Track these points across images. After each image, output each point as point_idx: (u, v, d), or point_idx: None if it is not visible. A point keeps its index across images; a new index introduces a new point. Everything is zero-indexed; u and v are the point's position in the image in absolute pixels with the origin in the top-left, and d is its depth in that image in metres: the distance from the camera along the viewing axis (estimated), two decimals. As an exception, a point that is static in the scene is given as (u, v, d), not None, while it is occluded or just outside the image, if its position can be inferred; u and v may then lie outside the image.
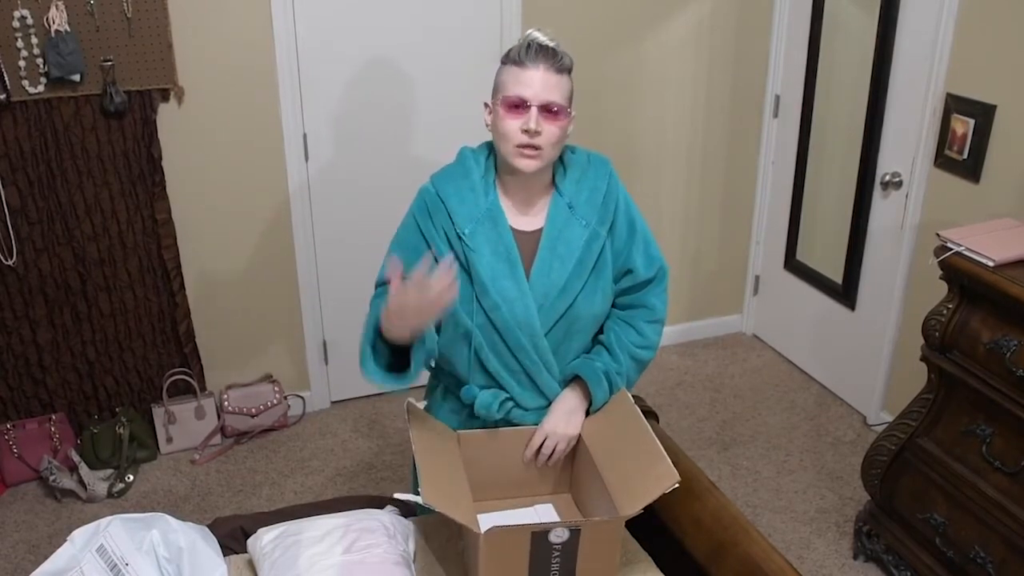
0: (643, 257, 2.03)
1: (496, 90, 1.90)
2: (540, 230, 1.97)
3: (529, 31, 1.88)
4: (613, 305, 2.06)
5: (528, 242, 1.97)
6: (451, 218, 1.93)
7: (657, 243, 2.09)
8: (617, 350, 2.02)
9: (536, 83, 1.83)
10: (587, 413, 2.04)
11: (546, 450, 2.01)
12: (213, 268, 3.47)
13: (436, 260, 1.95)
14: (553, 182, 1.99)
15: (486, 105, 1.94)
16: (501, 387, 1.99)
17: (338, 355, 3.77)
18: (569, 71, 1.88)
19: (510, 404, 2.00)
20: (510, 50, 1.88)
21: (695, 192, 4.09)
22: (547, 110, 1.84)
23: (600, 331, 2.07)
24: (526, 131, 1.83)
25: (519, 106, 1.83)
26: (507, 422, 2.03)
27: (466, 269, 1.94)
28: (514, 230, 1.96)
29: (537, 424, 2.03)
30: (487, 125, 1.94)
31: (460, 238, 1.92)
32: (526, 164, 1.87)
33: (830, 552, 3.03)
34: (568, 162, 2.00)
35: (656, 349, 2.09)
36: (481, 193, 1.95)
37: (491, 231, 1.93)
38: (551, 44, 1.86)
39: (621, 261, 2.02)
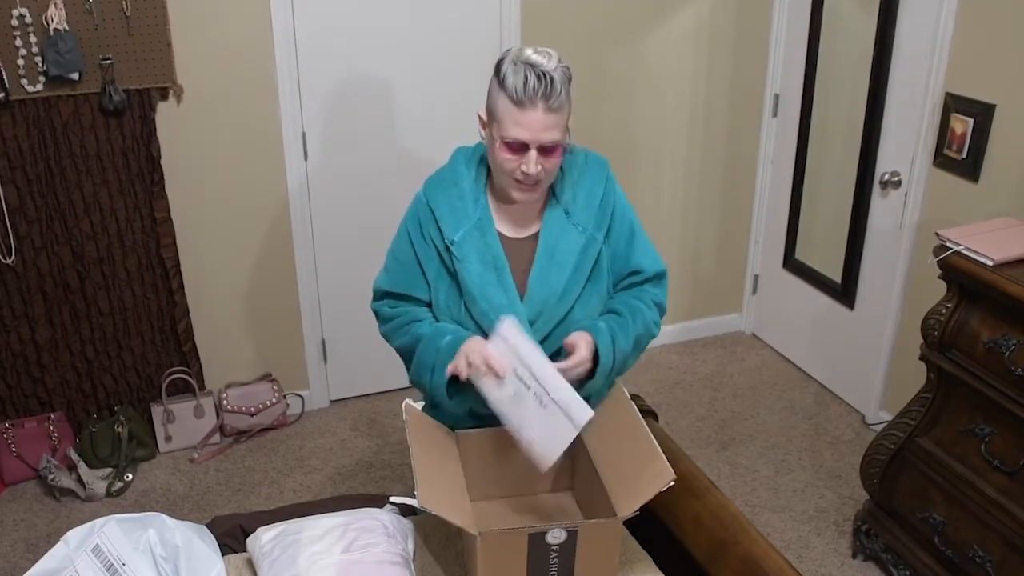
0: (649, 258, 2.04)
1: (491, 115, 1.85)
2: (533, 236, 1.97)
3: (524, 52, 1.80)
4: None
5: (521, 248, 1.97)
6: (439, 228, 1.94)
7: (656, 242, 2.10)
8: (627, 313, 1.97)
9: (535, 125, 1.79)
10: (591, 375, 1.96)
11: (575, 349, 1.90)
12: (212, 267, 3.47)
13: (425, 277, 1.97)
14: (550, 186, 1.99)
15: (480, 117, 1.91)
16: None
17: (337, 354, 3.77)
18: (568, 96, 1.82)
19: None
20: (504, 74, 1.79)
21: (694, 191, 4.09)
22: (544, 149, 1.82)
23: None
24: (525, 172, 1.83)
25: (518, 149, 1.82)
26: None
27: (454, 278, 1.94)
28: (506, 237, 1.97)
29: None
30: (482, 137, 1.93)
31: (448, 248, 1.93)
32: (524, 197, 1.89)
33: (829, 551, 3.03)
34: (565, 163, 1.99)
35: (659, 329, 2.08)
36: (470, 200, 1.95)
37: (479, 240, 1.93)
38: (549, 68, 1.77)
39: (621, 264, 2.02)
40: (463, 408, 1.98)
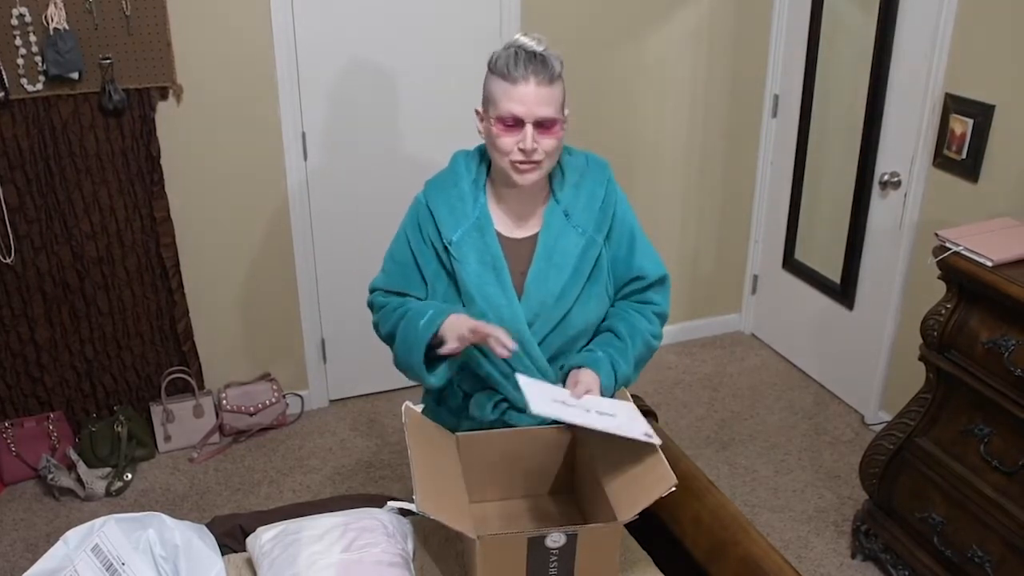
0: (651, 262, 2.04)
1: (487, 102, 1.87)
2: (533, 237, 1.97)
3: (516, 36, 1.85)
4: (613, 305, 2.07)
5: (520, 249, 1.96)
6: (438, 229, 1.94)
7: (655, 243, 2.09)
8: (627, 336, 1.99)
9: (529, 99, 1.80)
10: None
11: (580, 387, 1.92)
12: (212, 266, 3.47)
13: (423, 278, 1.98)
14: (550, 188, 1.99)
15: (477, 112, 1.92)
16: (496, 390, 1.99)
17: (337, 354, 3.77)
18: (560, 76, 1.84)
19: (504, 405, 2.00)
20: (496, 58, 1.84)
21: (694, 192, 4.09)
22: (541, 125, 1.82)
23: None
24: (523, 149, 1.83)
25: (513, 124, 1.82)
26: (503, 423, 2.02)
27: (452, 279, 1.94)
28: (505, 237, 1.96)
29: (531, 425, 2.03)
30: (480, 132, 1.93)
31: (447, 249, 1.93)
32: (526, 179, 1.88)
33: (828, 551, 3.03)
34: (565, 165, 1.99)
35: (660, 342, 2.08)
36: (469, 201, 1.95)
37: (478, 240, 1.93)
38: (539, 49, 1.81)
39: (623, 269, 2.01)
40: (442, 381, 1.95)
